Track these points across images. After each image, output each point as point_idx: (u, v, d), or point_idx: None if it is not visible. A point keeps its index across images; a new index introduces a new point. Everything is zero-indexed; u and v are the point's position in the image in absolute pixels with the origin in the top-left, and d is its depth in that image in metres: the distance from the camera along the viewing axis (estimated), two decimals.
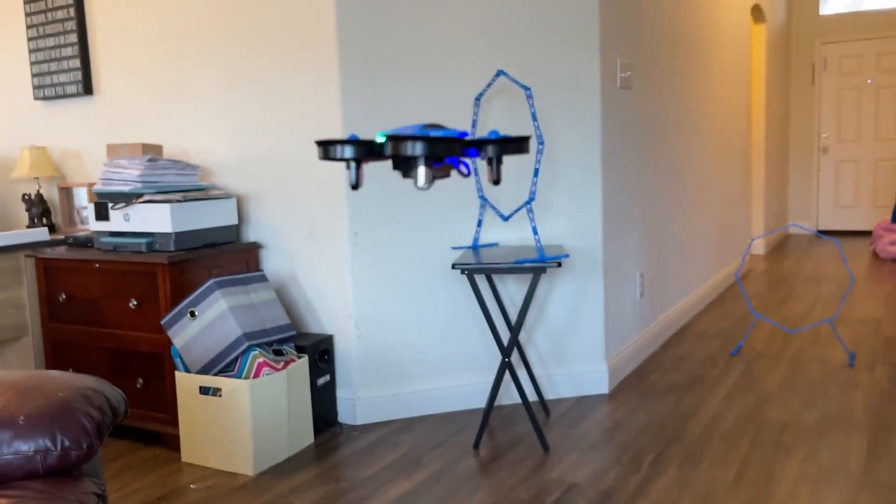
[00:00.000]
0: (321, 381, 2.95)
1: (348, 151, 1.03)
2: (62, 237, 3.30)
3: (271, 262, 3.14)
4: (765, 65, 6.53)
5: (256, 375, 2.59)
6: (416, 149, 0.97)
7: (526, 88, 2.59)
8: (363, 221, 2.96)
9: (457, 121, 3.00)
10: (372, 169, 2.95)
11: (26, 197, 3.65)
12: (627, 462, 2.55)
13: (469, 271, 2.59)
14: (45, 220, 3.64)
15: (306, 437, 2.81)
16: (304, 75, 2.95)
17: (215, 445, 2.62)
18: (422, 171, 1.01)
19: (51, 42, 3.54)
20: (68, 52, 3.49)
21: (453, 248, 3.04)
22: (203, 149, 3.25)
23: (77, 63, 3.47)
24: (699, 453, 2.60)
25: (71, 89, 3.52)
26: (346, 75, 2.88)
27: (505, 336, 3.14)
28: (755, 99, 6.55)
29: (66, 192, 3.63)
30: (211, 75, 3.17)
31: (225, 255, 2.98)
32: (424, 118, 2.98)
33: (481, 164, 3.06)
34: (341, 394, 3.05)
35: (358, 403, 3.01)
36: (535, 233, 2.62)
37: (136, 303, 2.81)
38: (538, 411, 3.05)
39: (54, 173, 3.62)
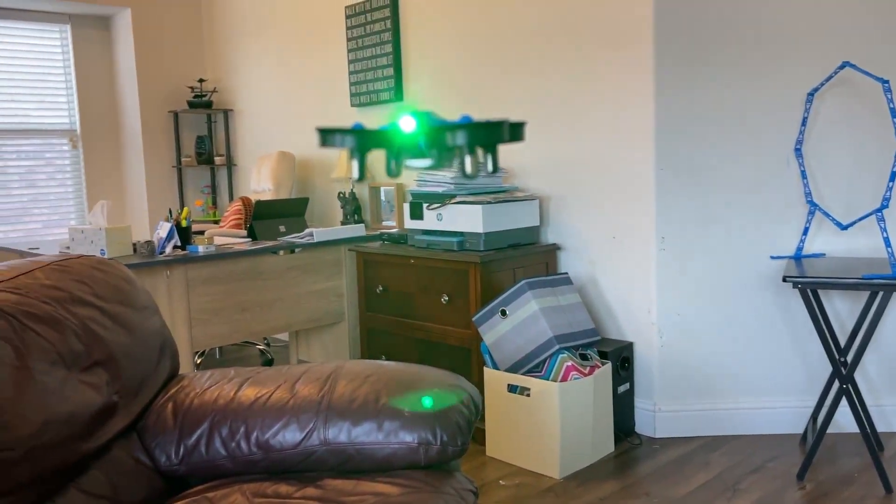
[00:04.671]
0: (621, 388, 2.87)
1: (349, 141, 0.88)
2: (376, 233, 3.57)
3: (570, 265, 3.13)
4: None
5: (564, 378, 2.59)
6: (459, 139, 0.85)
7: (883, 81, 2.29)
8: (671, 225, 2.83)
9: (782, 119, 2.75)
10: (683, 171, 2.81)
11: (341, 195, 4.01)
12: None
13: (803, 286, 2.35)
14: (356, 217, 3.99)
15: (607, 446, 2.76)
16: (614, 74, 2.89)
17: (521, 444, 2.66)
18: (468, 158, 0.88)
19: (368, 53, 3.85)
20: (383, 61, 3.77)
21: (772, 257, 2.79)
22: (505, 151, 3.32)
23: (391, 72, 3.73)
24: None
25: (384, 96, 3.80)
26: (660, 73, 2.76)
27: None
28: None
29: (375, 191, 3.93)
30: (513, 79, 3.24)
31: (527, 255, 3.02)
32: (747, 117, 2.77)
33: (814, 167, 2.77)
34: (640, 404, 2.95)
35: (658, 415, 2.90)
36: (888, 245, 2.30)
37: (447, 298, 2.96)
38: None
39: (366, 174, 3.93)
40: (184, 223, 3.05)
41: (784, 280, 2.37)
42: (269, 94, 4.66)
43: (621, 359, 2.87)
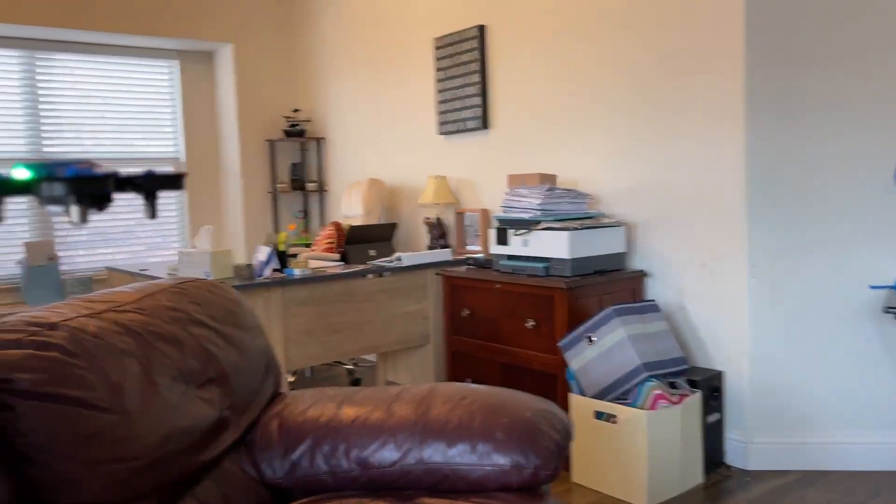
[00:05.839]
0: (711, 418, 2.82)
1: None
2: (462, 258, 3.65)
3: (657, 292, 3.11)
4: None
5: (652, 407, 2.57)
6: (58, 189, 0.91)
7: None
8: (765, 253, 2.78)
9: (883, 143, 2.67)
10: (777, 197, 2.76)
11: (427, 220, 4.11)
12: None
13: None
14: (442, 242, 4.07)
15: (696, 476, 2.71)
16: (703, 100, 2.87)
17: (607, 471, 2.65)
18: (75, 209, 0.94)
19: (456, 83, 3.95)
20: (470, 91, 3.87)
21: (871, 287, 2.70)
22: (590, 177, 3.35)
23: (478, 101, 3.82)
24: None
25: (471, 124, 3.89)
26: (752, 97, 2.74)
27: None
28: None
29: (461, 217, 4.01)
30: (599, 106, 3.26)
31: (613, 282, 3.02)
32: (844, 141, 2.70)
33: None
34: (730, 434, 2.89)
35: (749, 447, 2.83)
36: None
37: (532, 323, 2.99)
38: None
39: (451, 200, 4.03)
40: (282, 247, 3.20)
41: (885, 311, 2.29)
42: (359, 124, 4.83)
43: (711, 388, 2.82)
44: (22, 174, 0.91)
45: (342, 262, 3.56)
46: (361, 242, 3.59)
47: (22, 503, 1.22)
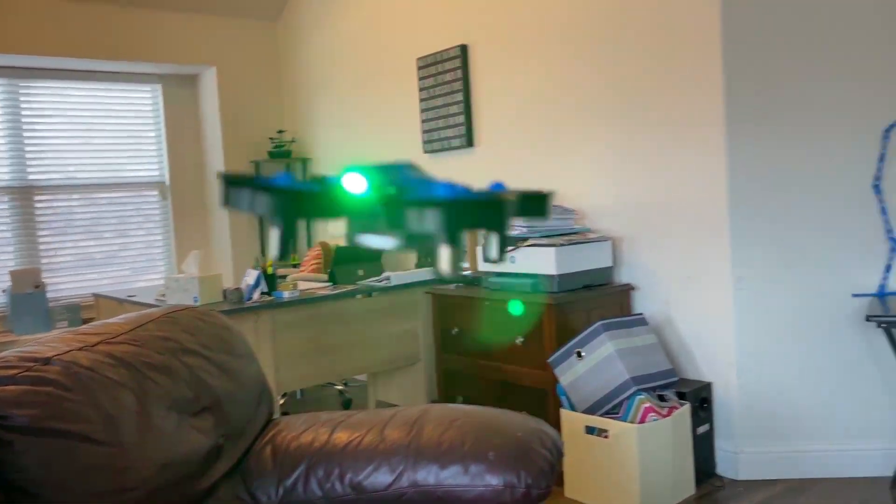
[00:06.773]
0: (701, 429, 2.85)
1: (261, 205, 0.52)
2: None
3: (644, 305, 3.15)
4: None
5: (642, 420, 2.60)
6: (433, 219, 0.51)
7: None
8: (749, 265, 2.82)
9: (859, 156, 2.73)
10: (758, 209, 2.81)
11: None
12: None
13: (888, 324, 2.32)
14: (430, 260, 4.09)
15: (687, 488, 2.74)
16: (684, 115, 2.92)
17: (600, 485, 2.67)
18: (445, 254, 0.55)
19: (439, 102, 3.99)
20: (454, 109, 3.91)
21: (854, 295, 2.75)
22: (575, 193, 3.39)
23: (462, 119, 3.86)
24: None
25: (455, 143, 3.92)
26: (731, 112, 2.79)
27: None
28: None
29: None
30: (581, 122, 3.31)
31: (601, 297, 3.05)
32: (823, 154, 2.76)
33: (895, 204, 2.73)
34: (721, 445, 2.92)
35: (740, 457, 2.86)
36: None
37: (522, 340, 3.01)
38: None
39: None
40: (269, 270, 3.21)
41: (867, 319, 2.33)
42: (344, 144, 4.86)
43: (700, 399, 2.85)
44: (356, 185, 0.52)
45: (330, 283, 3.57)
46: (349, 262, 3.60)
47: None
